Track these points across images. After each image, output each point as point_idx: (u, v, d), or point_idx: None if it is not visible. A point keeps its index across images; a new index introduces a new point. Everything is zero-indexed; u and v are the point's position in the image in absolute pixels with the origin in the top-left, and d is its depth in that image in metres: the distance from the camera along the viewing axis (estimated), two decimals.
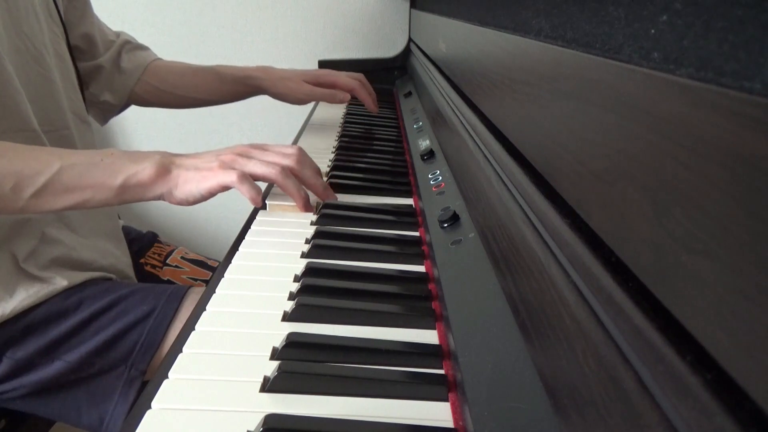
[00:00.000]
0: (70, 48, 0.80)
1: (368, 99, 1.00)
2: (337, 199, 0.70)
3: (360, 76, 1.02)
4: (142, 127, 1.62)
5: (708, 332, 0.18)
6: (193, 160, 0.60)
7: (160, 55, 0.97)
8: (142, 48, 0.96)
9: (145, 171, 0.58)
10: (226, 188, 0.59)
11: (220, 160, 0.60)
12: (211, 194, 0.59)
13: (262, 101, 1.57)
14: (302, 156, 0.65)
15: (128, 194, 0.58)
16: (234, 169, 0.59)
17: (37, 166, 0.55)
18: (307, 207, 0.66)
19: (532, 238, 0.36)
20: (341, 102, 0.98)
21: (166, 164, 0.59)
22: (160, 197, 0.60)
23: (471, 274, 0.45)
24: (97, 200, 0.58)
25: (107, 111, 0.93)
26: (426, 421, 0.35)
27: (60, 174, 0.56)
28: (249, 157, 0.61)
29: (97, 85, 0.89)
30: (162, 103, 0.98)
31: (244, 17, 1.50)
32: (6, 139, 0.63)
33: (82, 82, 0.84)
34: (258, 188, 0.61)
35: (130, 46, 0.93)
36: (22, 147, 0.58)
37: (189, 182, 0.59)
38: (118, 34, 0.93)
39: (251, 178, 0.60)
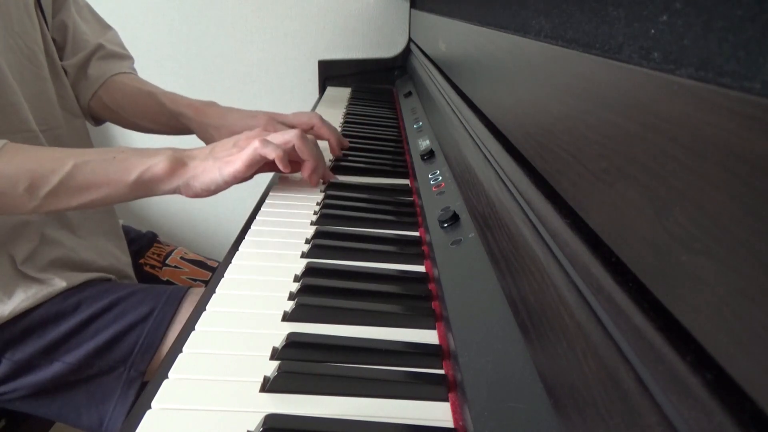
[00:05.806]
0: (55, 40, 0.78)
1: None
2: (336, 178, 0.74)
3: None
4: None
5: (708, 332, 0.18)
6: (208, 152, 0.61)
7: (159, 55, 0.92)
8: (118, 56, 0.86)
9: (158, 165, 0.58)
10: (251, 167, 0.59)
11: (238, 146, 0.60)
12: (235, 178, 0.59)
13: (264, 100, 1.57)
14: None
15: (142, 189, 0.58)
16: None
17: (50, 165, 0.55)
18: (312, 175, 0.67)
19: (532, 238, 0.36)
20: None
21: (179, 158, 0.59)
22: (175, 190, 0.59)
23: (471, 274, 0.45)
24: (112, 197, 0.58)
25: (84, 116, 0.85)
26: (426, 421, 0.35)
27: (74, 172, 0.55)
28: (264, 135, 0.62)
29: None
30: (114, 122, 0.88)
31: (244, 17, 1.50)
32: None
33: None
34: (281, 148, 0.61)
35: (103, 52, 0.83)
36: (34, 147, 0.58)
37: (209, 171, 0.58)
38: (104, 32, 0.86)
39: (272, 143, 0.60)
